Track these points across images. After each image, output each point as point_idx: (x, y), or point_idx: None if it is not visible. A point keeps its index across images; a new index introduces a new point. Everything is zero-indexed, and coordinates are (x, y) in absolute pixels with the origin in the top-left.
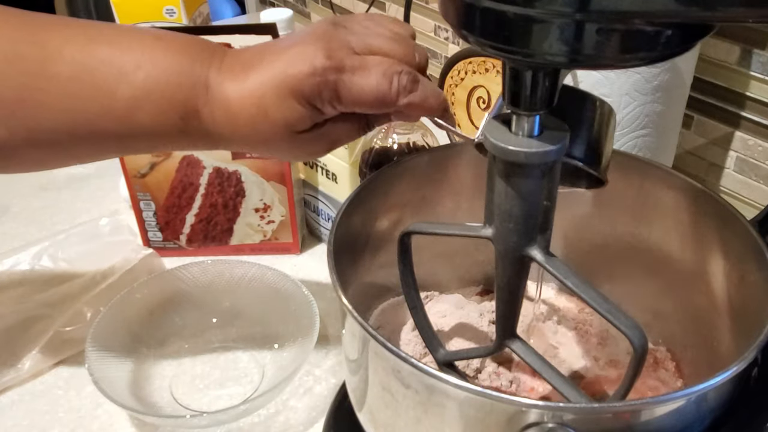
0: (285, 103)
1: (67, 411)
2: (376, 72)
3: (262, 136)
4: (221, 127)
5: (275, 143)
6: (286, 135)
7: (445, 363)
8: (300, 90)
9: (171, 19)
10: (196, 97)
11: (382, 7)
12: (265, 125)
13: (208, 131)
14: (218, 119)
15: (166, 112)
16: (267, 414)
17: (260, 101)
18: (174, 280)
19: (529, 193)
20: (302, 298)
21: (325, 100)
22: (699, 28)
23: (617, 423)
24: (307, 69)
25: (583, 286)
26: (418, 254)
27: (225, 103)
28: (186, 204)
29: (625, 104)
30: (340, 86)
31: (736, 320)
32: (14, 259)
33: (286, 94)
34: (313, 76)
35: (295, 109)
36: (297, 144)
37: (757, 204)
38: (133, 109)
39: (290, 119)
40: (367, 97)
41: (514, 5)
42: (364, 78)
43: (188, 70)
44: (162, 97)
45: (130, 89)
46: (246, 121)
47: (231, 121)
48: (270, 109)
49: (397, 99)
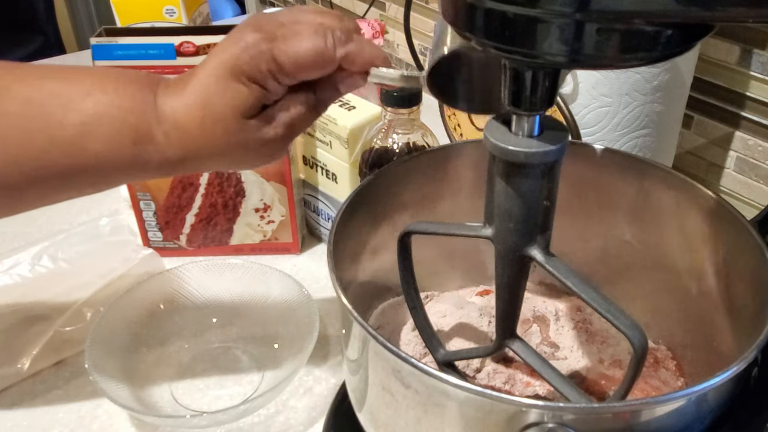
0: (227, 88)
1: (67, 411)
2: (308, 32)
3: (215, 140)
4: (176, 145)
5: (229, 145)
6: (236, 126)
7: (445, 363)
8: (238, 67)
9: (171, 19)
10: (147, 120)
11: (382, 6)
12: (214, 122)
13: (164, 155)
14: (172, 138)
15: (118, 138)
16: (267, 414)
17: (205, 97)
18: (174, 280)
19: (529, 193)
20: (302, 298)
21: (265, 73)
22: (699, 28)
23: (617, 423)
24: (239, 46)
25: (583, 286)
26: (418, 254)
27: (174, 117)
28: (186, 204)
29: (625, 104)
30: (276, 53)
31: (736, 320)
32: (14, 259)
33: (226, 78)
34: (247, 50)
35: (238, 90)
36: (250, 135)
37: (757, 204)
38: (83, 137)
39: (236, 103)
40: (305, 56)
41: (514, 5)
42: (297, 40)
43: (138, 95)
44: (113, 122)
45: (79, 116)
46: (197, 128)
47: (184, 135)
48: (215, 102)
49: (335, 52)
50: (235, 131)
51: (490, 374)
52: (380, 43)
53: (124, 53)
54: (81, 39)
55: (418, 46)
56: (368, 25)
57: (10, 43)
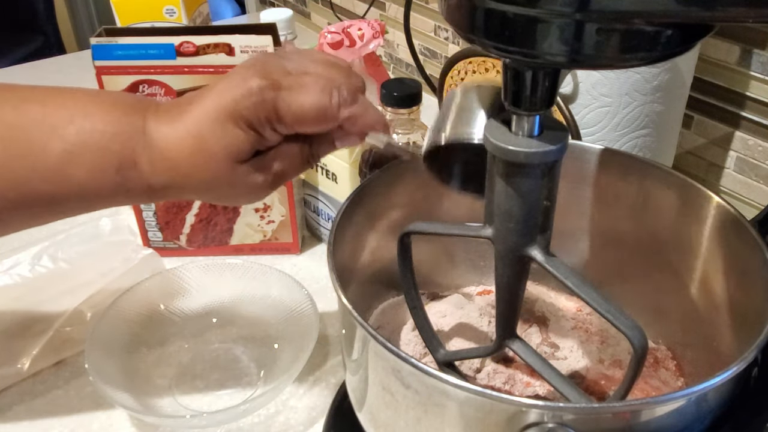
0: (224, 130)
1: (67, 411)
2: (314, 88)
3: (203, 175)
4: (161, 173)
5: (217, 181)
6: (227, 168)
7: (444, 363)
8: (238, 112)
9: (171, 19)
10: (132, 147)
11: (382, 7)
12: (205, 160)
13: (148, 182)
14: (158, 166)
15: (101, 165)
16: (267, 414)
17: (199, 134)
18: (174, 280)
19: (529, 193)
20: (302, 298)
21: (264, 121)
22: (699, 28)
23: (617, 423)
24: (242, 91)
25: (583, 286)
26: (418, 254)
27: (164, 145)
28: (186, 204)
29: (625, 104)
30: (279, 104)
31: (736, 320)
32: (14, 259)
33: (224, 120)
34: (250, 97)
35: (234, 135)
36: (239, 178)
37: (757, 204)
38: (66, 165)
39: (230, 147)
40: (307, 112)
41: (514, 5)
42: (302, 94)
43: (123, 120)
44: (96, 149)
45: (62, 144)
46: (186, 161)
47: (171, 165)
48: (209, 141)
49: (338, 112)
50: (224, 172)
51: (490, 374)
52: (380, 42)
53: (124, 53)
54: (81, 39)
55: (418, 46)
56: (368, 25)
57: (10, 43)
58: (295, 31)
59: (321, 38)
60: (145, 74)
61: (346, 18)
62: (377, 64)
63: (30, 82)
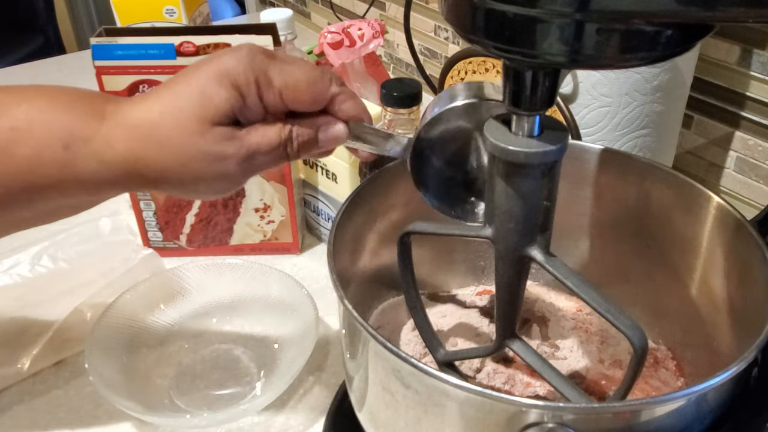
0: (203, 87)
1: (67, 411)
2: (306, 64)
3: (167, 138)
4: (118, 143)
5: (181, 148)
6: (196, 128)
7: (444, 363)
8: (225, 71)
9: (171, 19)
10: (87, 121)
11: (382, 7)
12: (174, 117)
13: (101, 157)
14: (116, 135)
15: (47, 141)
16: (267, 414)
17: (171, 96)
18: (174, 280)
19: (529, 193)
20: (302, 298)
21: (252, 83)
22: (699, 28)
23: (617, 423)
24: (234, 55)
25: (583, 286)
26: (418, 254)
27: (127, 114)
28: (186, 204)
29: (625, 104)
30: (271, 69)
31: (736, 320)
32: (14, 259)
33: (206, 80)
34: (241, 59)
35: (214, 92)
36: (208, 146)
37: (757, 204)
38: (13, 143)
39: (206, 102)
40: (298, 80)
41: (514, 5)
42: (295, 66)
43: (83, 99)
44: (44, 124)
45: (10, 121)
46: (148, 125)
47: (131, 134)
48: (182, 97)
49: (329, 86)
50: (194, 133)
51: (490, 374)
52: (380, 42)
53: (124, 53)
54: (81, 39)
55: (418, 46)
56: (368, 25)
57: (10, 43)
58: (295, 31)
59: (321, 38)
60: (145, 74)
61: (346, 18)
62: (377, 64)
63: (30, 82)
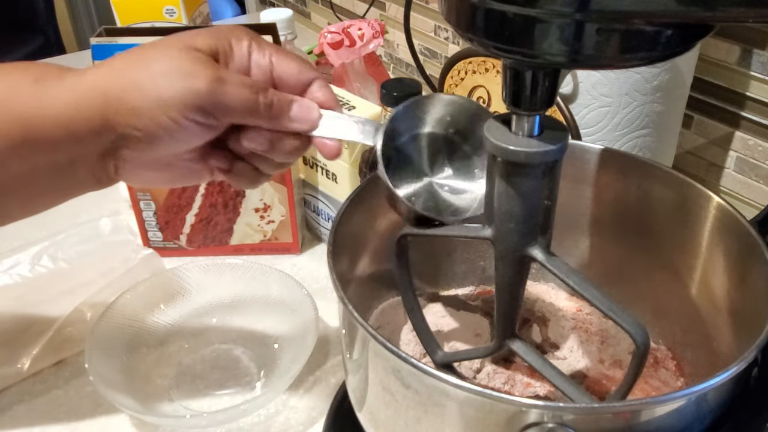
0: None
1: (67, 411)
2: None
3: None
4: (91, 74)
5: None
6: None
7: (444, 364)
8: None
9: (171, 19)
10: (58, 68)
11: (382, 6)
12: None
13: (74, 91)
14: (89, 72)
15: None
16: (267, 414)
17: (152, 44)
18: (174, 280)
19: (529, 193)
20: (302, 298)
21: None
22: (699, 28)
23: (617, 423)
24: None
25: (585, 285)
26: (418, 254)
27: (101, 63)
28: (186, 204)
29: (625, 104)
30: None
31: (736, 320)
32: (14, 259)
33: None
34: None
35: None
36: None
37: (757, 204)
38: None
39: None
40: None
41: (514, 5)
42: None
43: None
44: (15, 68)
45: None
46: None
47: (106, 69)
48: (168, 41)
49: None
50: (173, 56)
51: (490, 374)
52: (380, 42)
53: None
54: (81, 39)
55: (418, 46)
56: (368, 25)
57: (10, 43)
58: (295, 31)
59: (321, 38)
60: None
61: (346, 18)
62: (377, 64)
63: None
